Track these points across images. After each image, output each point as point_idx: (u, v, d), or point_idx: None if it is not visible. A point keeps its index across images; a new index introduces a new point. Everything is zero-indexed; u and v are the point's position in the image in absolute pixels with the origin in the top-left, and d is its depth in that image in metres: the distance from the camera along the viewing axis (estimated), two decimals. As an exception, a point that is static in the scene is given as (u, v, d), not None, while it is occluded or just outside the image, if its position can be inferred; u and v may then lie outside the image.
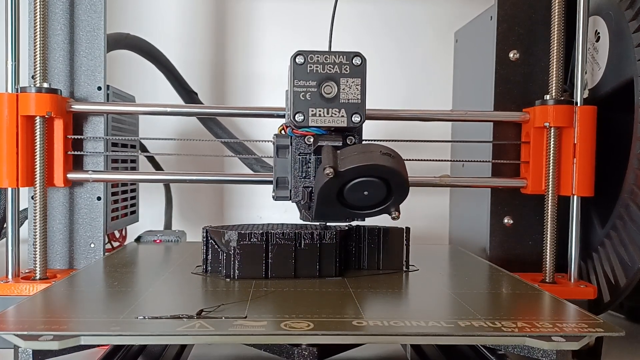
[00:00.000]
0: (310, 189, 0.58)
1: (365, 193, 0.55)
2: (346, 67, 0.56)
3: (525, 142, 0.73)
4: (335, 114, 0.56)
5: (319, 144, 0.57)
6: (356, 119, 0.56)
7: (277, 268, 0.59)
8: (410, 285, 0.59)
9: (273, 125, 1.14)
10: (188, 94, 1.02)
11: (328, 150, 0.55)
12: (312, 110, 0.56)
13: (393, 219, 0.56)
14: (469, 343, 0.49)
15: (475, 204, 0.81)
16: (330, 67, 0.56)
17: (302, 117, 0.56)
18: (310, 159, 0.59)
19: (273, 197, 0.61)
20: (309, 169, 0.59)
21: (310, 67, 0.56)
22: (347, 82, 0.56)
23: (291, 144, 0.60)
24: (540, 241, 0.70)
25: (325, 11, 1.17)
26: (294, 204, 0.63)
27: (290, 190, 0.60)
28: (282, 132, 0.62)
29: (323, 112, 0.56)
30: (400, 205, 0.57)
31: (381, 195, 0.55)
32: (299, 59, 0.56)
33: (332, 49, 0.60)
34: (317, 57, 0.56)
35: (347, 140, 0.57)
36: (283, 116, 0.76)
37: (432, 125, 0.78)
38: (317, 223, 0.62)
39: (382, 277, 0.62)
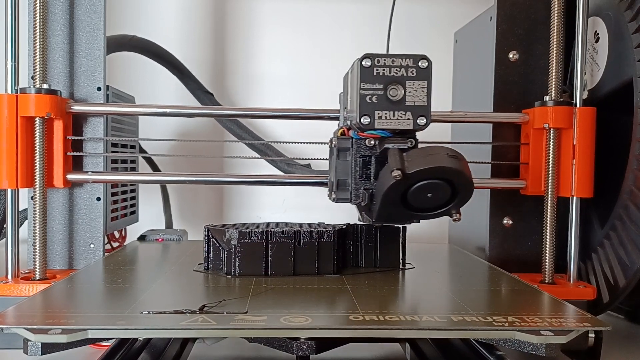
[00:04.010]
0: (371, 190, 0.60)
1: (430, 195, 0.57)
2: (412, 70, 0.58)
3: (524, 143, 0.76)
4: (401, 117, 0.58)
5: (385, 146, 0.59)
6: (422, 121, 0.58)
7: (277, 265, 0.63)
8: (405, 283, 0.64)
9: (273, 125, 1.19)
10: (204, 95, 1.05)
11: (395, 153, 0.57)
12: (379, 113, 0.58)
13: (454, 220, 0.59)
14: (461, 337, 0.54)
15: (474, 204, 0.83)
16: (396, 70, 0.58)
17: (369, 120, 0.58)
18: (370, 161, 0.60)
19: (333, 199, 0.63)
20: (369, 171, 0.61)
21: (377, 70, 0.58)
22: (414, 84, 0.58)
23: (352, 146, 0.61)
24: (540, 242, 0.74)
25: (324, 11, 1.22)
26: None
27: (351, 192, 0.62)
28: (341, 134, 0.64)
29: (389, 115, 0.58)
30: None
31: (445, 197, 0.58)
32: (366, 62, 0.57)
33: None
34: (384, 60, 0.58)
35: (409, 143, 0.60)
36: (283, 117, 0.80)
37: (432, 126, 0.81)
38: (377, 224, 0.65)
39: (378, 274, 0.66)
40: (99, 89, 0.75)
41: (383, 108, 0.58)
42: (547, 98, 0.72)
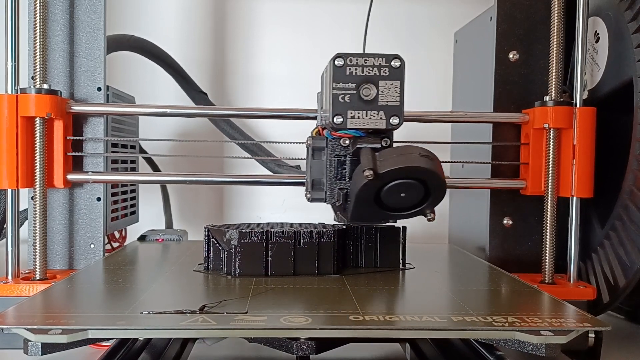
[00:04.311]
0: (346, 190, 0.60)
1: (403, 195, 0.57)
2: (385, 70, 0.58)
3: (524, 143, 0.77)
4: (374, 116, 0.58)
5: (357, 146, 0.60)
6: (394, 121, 0.59)
7: (277, 266, 0.64)
8: (406, 283, 0.64)
9: (273, 125, 1.19)
10: (198, 95, 1.06)
11: (367, 153, 0.58)
12: (351, 113, 0.58)
13: (429, 220, 0.59)
14: (461, 337, 0.54)
15: (474, 204, 0.85)
16: (369, 69, 0.58)
17: (341, 119, 0.58)
18: (345, 161, 0.61)
19: (308, 199, 0.64)
20: (344, 171, 0.61)
21: (350, 69, 0.58)
22: (386, 84, 0.58)
23: (327, 146, 0.62)
24: (540, 242, 0.74)
25: (324, 11, 1.22)
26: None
27: (326, 192, 0.63)
28: (317, 134, 0.64)
29: (362, 115, 0.58)
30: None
31: (418, 196, 0.58)
32: (338, 62, 0.58)
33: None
34: (357, 59, 0.58)
35: (382, 142, 0.60)
36: (281, 117, 0.80)
37: (432, 126, 0.81)
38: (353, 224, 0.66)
39: (378, 274, 0.66)
40: (99, 89, 0.76)
41: (356, 107, 0.58)
42: (547, 98, 0.72)
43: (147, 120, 1.00)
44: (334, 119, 0.58)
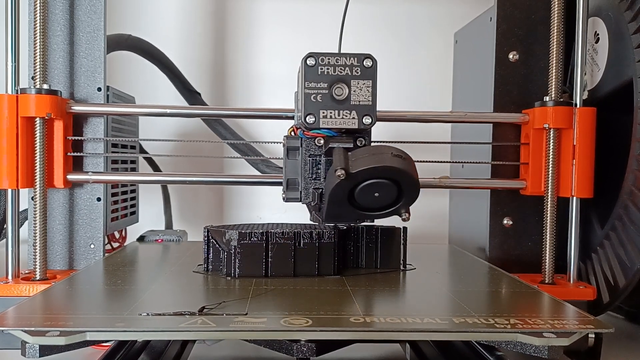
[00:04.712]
0: (321, 190, 0.61)
1: (376, 194, 0.57)
2: (357, 69, 0.58)
3: (524, 143, 0.76)
4: (346, 116, 0.58)
5: (330, 145, 0.60)
6: (367, 120, 0.59)
7: (277, 267, 0.63)
8: (406, 284, 0.63)
9: (272, 125, 1.19)
10: (191, 95, 1.06)
11: (339, 152, 0.58)
12: (323, 112, 0.58)
13: (403, 220, 0.58)
14: (463, 339, 0.53)
15: (474, 204, 0.85)
16: (341, 69, 0.58)
17: (313, 119, 0.58)
18: (320, 161, 0.61)
19: (283, 199, 0.64)
20: (319, 171, 0.61)
21: (322, 69, 0.58)
22: (358, 84, 0.58)
23: (301, 146, 0.62)
24: (540, 242, 0.74)
25: (324, 11, 1.22)
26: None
27: (301, 192, 0.62)
28: (292, 133, 0.64)
29: (334, 114, 0.58)
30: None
31: (392, 196, 0.57)
32: (310, 61, 0.58)
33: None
34: (328, 59, 0.58)
35: (357, 142, 0.60)
36: (280, 117, 0.79)
37: (432, 126, 0.81)
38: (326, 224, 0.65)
39: (379, 275, 0.66)
40: (99, 89, 0.75)
41: (328, 107, 0.58)
42: (547, 98, 0.72)
43: (147, 120, 0.99)
44: (307, 119, 0.58)
